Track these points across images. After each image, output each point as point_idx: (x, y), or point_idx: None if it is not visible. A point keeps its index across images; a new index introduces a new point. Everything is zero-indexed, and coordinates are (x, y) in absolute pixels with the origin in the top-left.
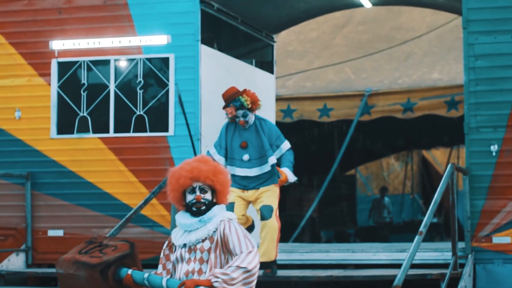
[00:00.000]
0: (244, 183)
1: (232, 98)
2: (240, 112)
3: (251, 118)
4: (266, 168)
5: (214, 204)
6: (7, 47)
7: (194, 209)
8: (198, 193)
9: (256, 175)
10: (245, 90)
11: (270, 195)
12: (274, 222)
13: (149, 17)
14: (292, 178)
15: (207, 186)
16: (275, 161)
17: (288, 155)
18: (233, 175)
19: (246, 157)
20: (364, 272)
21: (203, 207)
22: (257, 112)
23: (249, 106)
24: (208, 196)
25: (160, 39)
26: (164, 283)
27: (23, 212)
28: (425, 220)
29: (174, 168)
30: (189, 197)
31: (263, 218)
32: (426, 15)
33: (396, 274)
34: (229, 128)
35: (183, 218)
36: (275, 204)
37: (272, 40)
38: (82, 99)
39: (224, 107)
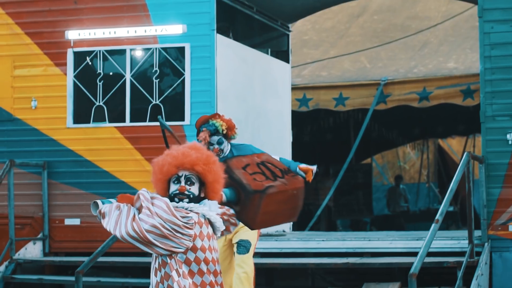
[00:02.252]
0: None
1: (205, 122)
2: (215, 138)
3: (226, 146)
4: None
5: (202, 199)
6: (23, 37)
7: (176, 199)
8: (183, 183)
9: None
10: (218, 114)
11: (248, 230)
12: (249, 261)
13: (164, 6)
14: (313, 166)
15: (195, 177)
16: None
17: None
18: None
19: None
20: (380, 260)
21: (186, 200)
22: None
23: (225, 132)
24: (195, 189)
25: (175, 29)
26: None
27: (40, 201)
28: (441, 208)
29: (159, 156)
30: (173, 187)
31: (238, 252)
32: (442, 4)
33: (413, 262)
34: None
35: None
36: (253, 240)
37: (287, 30)
38: (98, 88)
39: (197, 134)
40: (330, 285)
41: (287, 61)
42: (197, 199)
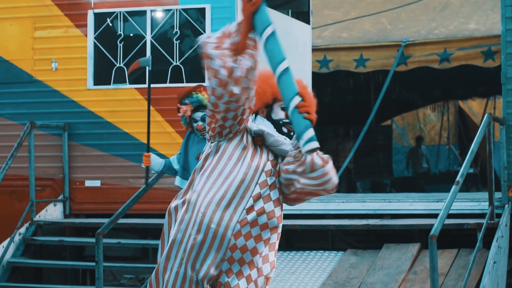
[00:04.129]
0: None
1: (186, 95)
2: (199, 114)
3: None
4: None
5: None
6: None
7: (284, 130)
8: None
9: None
10: (202, 86)
11: None
12: None
13: None
14: None
15: None
16: None
17: None
18: None
19: None
20: (400, 222)
21: (292, 133)
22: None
23: None
24: None
25: None
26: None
27: (60, 162)
28: (462, 169)
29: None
30: (281, 114)
31: None
32: None
33: (433, 223)
34: (190, 138)
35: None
36: None
37: None
38: (119, 50)
39: (178, 103)
40: (350, 247)
41: (308, 22)
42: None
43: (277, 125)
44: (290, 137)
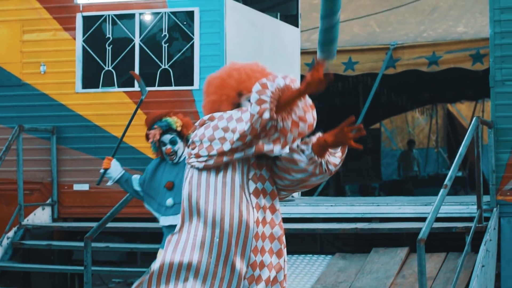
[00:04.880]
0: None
1: (157, 119)
2: (167, 137)
3: (181, 148)
4: None
5: None
6: (32, 1)
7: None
8: None
9: None
10: (172, 112)
11: None
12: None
13: None
14: None
15: None
16: None
17: None
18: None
19: (169, 201)
20: (389, 225)
21: None
22: None
23: (179, 129)
24: None
25: None
26: None
27: (48, 166)
28: (450, 173)
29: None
30: None
31: None
32: None
33: (421, 227)
34: (161, 166)
35: None
36: None
37: None
38: (107, 53)
39: (148, 130)
40: (338, 251)
41: (297, 25)
42: None
43: None
44: None
